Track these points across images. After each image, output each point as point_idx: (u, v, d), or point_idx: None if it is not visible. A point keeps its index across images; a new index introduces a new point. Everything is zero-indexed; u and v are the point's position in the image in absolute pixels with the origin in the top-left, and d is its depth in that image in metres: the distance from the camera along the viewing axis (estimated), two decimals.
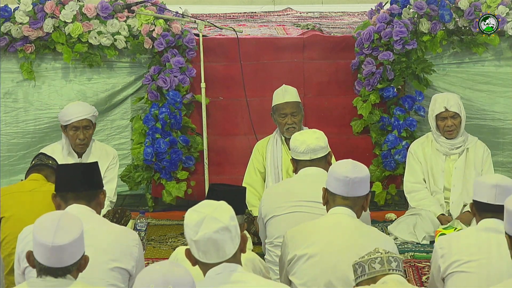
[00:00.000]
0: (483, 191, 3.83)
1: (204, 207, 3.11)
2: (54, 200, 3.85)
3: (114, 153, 6.07)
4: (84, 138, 5.83)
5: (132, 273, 3.74)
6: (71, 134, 5.83)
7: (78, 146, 5.84)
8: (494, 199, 3.79)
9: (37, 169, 4.76)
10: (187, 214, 3.11)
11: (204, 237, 3.04)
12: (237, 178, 6.14)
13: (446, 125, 5.95)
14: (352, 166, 3.90)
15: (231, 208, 3.12)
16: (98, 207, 3.87)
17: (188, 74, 6.56)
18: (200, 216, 3.06)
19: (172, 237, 6.13)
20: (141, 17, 6.53)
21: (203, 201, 3.16)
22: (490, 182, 3.82)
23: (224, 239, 3.05)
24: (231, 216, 3.08)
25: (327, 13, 8.55)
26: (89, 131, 5.86)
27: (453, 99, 5.96)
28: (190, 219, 3.09)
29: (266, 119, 6.27)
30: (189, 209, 3.13)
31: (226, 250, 3.07)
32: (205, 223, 3.04)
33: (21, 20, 6.47)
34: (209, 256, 3.07)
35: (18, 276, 3.76)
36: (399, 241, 5.87)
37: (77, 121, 5.81)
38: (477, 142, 6.08)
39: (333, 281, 3.76)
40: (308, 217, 4.22)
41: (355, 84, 6.68)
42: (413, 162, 6.11)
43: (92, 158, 5.81)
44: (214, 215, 3.06)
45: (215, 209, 3.09)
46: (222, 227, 3.04)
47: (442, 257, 3.84)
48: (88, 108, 5.93)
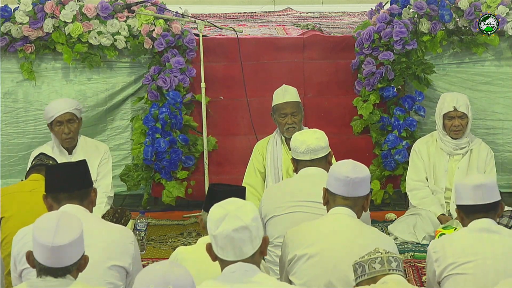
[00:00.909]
0: (467, 193, 3.81)
1: (229, 203, 3.12)
2: (45, 201, 3.85)
3: (105, 148, 6.08)
4: (70, 131, 5.83)
5: (129, 271, 3.75)
6: (56, 130, 5.85)
7: (65, 141, 5.85)
8: (482, 199, 3.79)
9: (37, 169, 4.76)
10: (212, 208, 3.12)
11: (222, 234, 3.05)
12: (237, 178, 6.14)
13: (453, 124, 5.95)
14: (353, 166, 3.90)
15: (256, 209, 3.13)
16: (90, 206, 3.87)
17: (188, 74, 6.56)
18: (223, 212, 3.07)
19: (172, 237, 6.13)
20: (141, 17, 6.53)
21: (229, 198, 3.17)
22: (473, 183, 3.81)
23: (242, 238, 3.05)
24: (254, 217, 3.08)
25: (327, 13, 8.55)
26: (73, 124, 5.85)
27: (462, 99, 5.96)
28: (214, 214, 3.10)
29: (266, 119, 6.27)
30: (215, 204, 3.14)
31: (244, 250, 3.07)
32: (226, 219, 3.05)
33: (21, 20, 6.47)
34: (226, 253, 3.08)
35: (14, 278, 3.75)
36: (399, 241, 5.87)
37: (60, 116, 5.82)
38: (482, 144, 6.08)
39: (333, 281, 3.76)
40: (308, 217, 4.22)
41: (355, 84, 6.69)
42: (416, 160, 6.11)
43: (83, 154, 5.81)
44: (236, 213, 3.06)
45: (239, 208, 3.09)
46: (242, 226, 3.04)
47: (437, 261, 3.82)
48: (69, 102, 5.93)
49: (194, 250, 3.71)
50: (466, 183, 3.85)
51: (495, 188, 3.85)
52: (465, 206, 3.84)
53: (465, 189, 3.83)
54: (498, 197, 3.85)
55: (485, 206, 3.79)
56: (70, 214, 3.20)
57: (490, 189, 3.81)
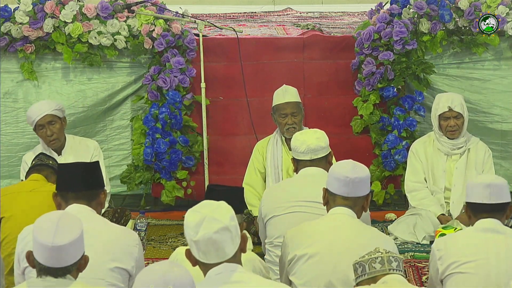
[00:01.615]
0: (477, 192, 3.84)
1: (203, 207, 3.10)
2: (54, 199, 3.86)
3: (95, 144, 6.05)
4: (52, 133, 5.80)
5: (131, 273, 3.74)
6: (40, 134, 5.83)
7: (50, 143, 5.82)
8: (489, 199, 3.81)
9: (37, 169, 4.76)
10: (187, 215, 3.11)
11: (204, 238, 3.04)
12: (237, 178, 6.14)
13: (449, 125, 5.95)
14: (353, 166, 3.90)
15: (231, 208, 3.11)
16: (99, 207, 3.87)
17: (188, 74, 6.55)
18: (200, 217, 3.06)
19: (172, 237, 6.13)
20: (141, 17, 6.53)
21: (202, 201, 3.16)
22: (484, 182, 3.84)
23: (224, 239, 3.05)
24: (231, 216, 3.08)
25: (327, 13, 8.55)
26: (55, 125, 5.81)
27: (457, 99, 5.95)
28: (190, 220, 3.08)
29: (266, 119, 6.27)
30: (189, 210, 3.13)
31: (226, 250, 3.07)
32: (205, 223, 3.04)
33: (21, 20, 6.47)
34: (210, 257, 3.07)
35: (17, 276, 3.76)
36: (399, 241, 5.87)
37: (40, 119, 5.78)
38: (479, 143, 6.08)
39: (333, 281, 3.76)
40: (308, 217, 4.22)
41: (355, 84, 6.68)
42: (414, 161, 6.11)
43: (73, 153, 5.80)
44: (214, 215, 3.05)
45: (214, 209, 3.08)
46: (222, 227, 3.04)
47: (440, 259, 3.84)
48: (48, 104, 5.89)
49: None
50: (476, 181, 3.89)
51: (505, 189, 3.87)
52: (472, 204, 3.86)
53: (475, 187, 3.86)
54: (508, 199, 3.86)
55: (492, 206, 3.80)
56: (70, 214, 3.20)
57: (500, 190, 3.83)
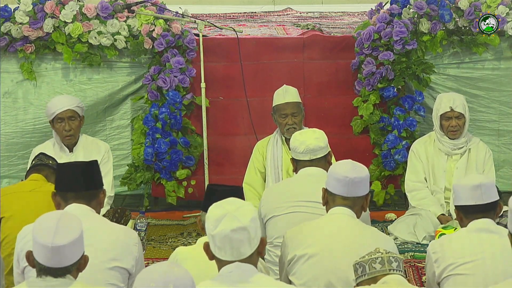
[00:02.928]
0: (467, 194, 3.81)
1: (228, 204, 3.12)
2: (54, 198, 3.85)
3: (106, 147, 6.07)
4: (70, 129, 5.83)
5: (131, 272, 3.74)
6: (57, 127, 5.85)
7: (65, 138, 5.85)
8: (482, 199, 3.80)
9: (37, 169, 4.76)
10: (211, 208, 3.12)
11: (220, 234, 3.05)
12: (237, 178, 6.14)
13: (450, 125, 5.95)
14: (352, 166, 3.90)
15: (255, 210, 3.13)
16: (98, 207, 3.87)
17: (188, 74, 6.55)
18: (222, 212, 3.07)
19: (172, 237, 6.13)
20: (141, 17, 6.53)
21: (229, 198, 3.17)
22: (473, 183, 3.81)
23: (240, 239, 3.05)
24: (252, 217, 3.08)
25: (327, 13, 8.55)
26: (74, 122, 5.86)
27: (459, 99, 5.95)
28: (213, 213, 3.09)
29: (266, 119, 6.28)
30: (214, 203, 3.14)
31: (242, 250, 3.07)
32: (225, 220, 3.05)
33: (21, 20, 6.47)
34: (224, 253, 3.08)
35: (17, 275, 3.76)
36: (399, 241, 5.87)
37: (61, 112, 5.82)
38: (479, 143, 6.08)
39: (333, 281, 3.75)
40: (308, 217, 4.21)
41: (355, 84, 6.68)
42: (415, 160, 6.11)
43: (84, 152, 5.83)
44: (235, 213, 3.06)
45: (238, 208, 3.09)
46: (240, 227, 3.05)
47: (436, 261, 3.83)
48: (71, 99, 5.95)
49: (194, 250, 3.70)
50: (464, 183, 3.85)
51: (494, 188, 3.86)
52: (464, 206, 3.84)
53: (464, 189, 3.83)
54: (496, 197, 3.85)
55: (484, 206, 3.79)
56: (70, 214, 3.19)
57: (489, 189, 3.82)
